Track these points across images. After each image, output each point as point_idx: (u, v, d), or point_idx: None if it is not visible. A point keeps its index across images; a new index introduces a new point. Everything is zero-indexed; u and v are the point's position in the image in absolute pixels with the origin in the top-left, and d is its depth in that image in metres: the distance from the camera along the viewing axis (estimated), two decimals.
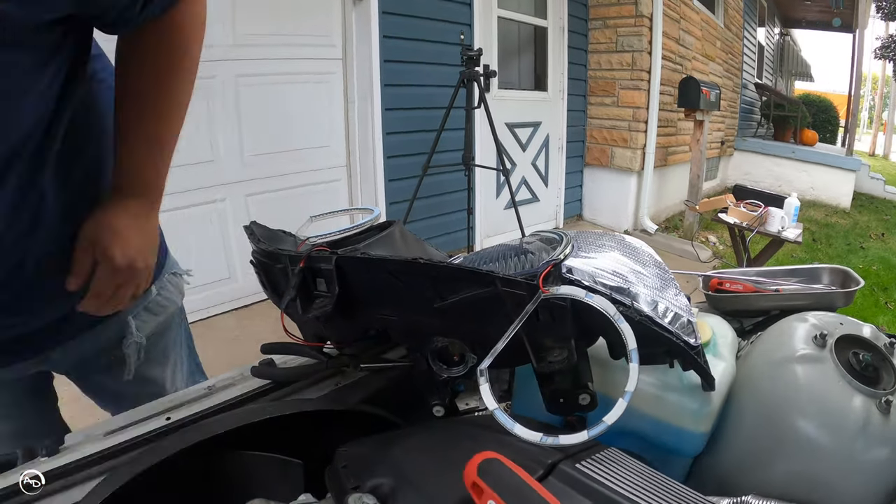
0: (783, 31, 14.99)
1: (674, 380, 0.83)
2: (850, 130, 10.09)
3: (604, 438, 0.65)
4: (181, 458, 0.66)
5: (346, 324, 0.77)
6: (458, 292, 0.72)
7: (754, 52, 11.64)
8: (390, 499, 0.54)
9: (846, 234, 7.91)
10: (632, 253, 0.85)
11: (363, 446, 0.66)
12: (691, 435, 0.82)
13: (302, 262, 0.74)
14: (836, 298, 1.17)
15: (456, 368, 0.78)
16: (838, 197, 9.37)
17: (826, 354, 0.83)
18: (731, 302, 1.27)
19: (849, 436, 0.76)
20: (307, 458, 0.68)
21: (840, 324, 0.90)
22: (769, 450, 0.81)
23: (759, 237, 4.61)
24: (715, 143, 8.94)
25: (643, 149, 6.43)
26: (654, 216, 7.00)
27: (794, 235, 4.44)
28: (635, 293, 0.72)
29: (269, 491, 0.66)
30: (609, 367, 0.86)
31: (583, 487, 0.55)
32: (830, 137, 13.99)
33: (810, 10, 12.44)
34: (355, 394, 0.93)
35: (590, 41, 6.48)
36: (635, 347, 0.65)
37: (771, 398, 0.83)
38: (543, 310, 0.68)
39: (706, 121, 6.59)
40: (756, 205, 4.61)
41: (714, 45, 8.47)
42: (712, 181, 9.38)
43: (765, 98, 11.97)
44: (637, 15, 6.06)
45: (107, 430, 0.84)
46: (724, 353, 0.92)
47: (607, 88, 6.53)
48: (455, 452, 0.62)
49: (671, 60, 6.81)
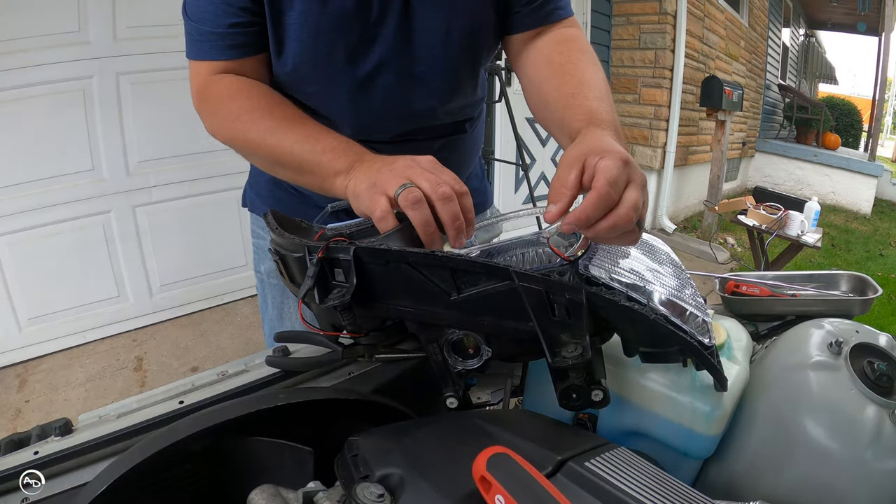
0: (808, 32, 14.82)
1: (686, 381, 0.83)
2: (873, 135, 10.01)
3: (614, 438, 0.65)
4: (192, 441, 0.66)
5: (362, 314, 0.78)
6: (474, 285, 0.72)
7: (778, 53, 11.53)
8: (399, 489, 0.54)
9: (866, 241, 7.84)
10: (649, 251, 0.85)
11: (374, 436, 0.66)
12: (702, 437, 0.82)
13: (320, 252, 0.74)
14: (853, 306, 1.16)
15: (471, 361, 0.78)
16: (859, 202, 9.28)
17: (841, 362, 0.83)
18: (747, 305, 1.26)
19: (860, 445, 0.75)
20: (318, 446, 0.68)
21: (856, 332, 0.89)
22: (780, 456, 0.80)
23: (777, 241, 4.58)
24: (736, 143, 8.88)
25: (664, 147, 6.40)
26: (673, 216, 6.97)
27: (814, 240, 4.42)
28: (651, 291, 0.72)
29: (278, 477, 0.66)
30: (622, 365, 0.85)
31: (591, 486, 0.55)
32: (853, 142, 13.84)
33: (836, 11, 12.29)
34: (368, 384, 0.94)
35: (612, 37, 6.44)
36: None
37: (783, 404, 0.83)
38: (559, 305, 0.68)
39: (728, 121, 6.55)
40: (776, 208, 4.58)
41: (738, 45, 8.39)
42: (732, 182, 9.32)
43: (788, 100, 11.86)
44: (661, 12, 6.01)
45: (119, 411, 0.85)
46: (738, 356, 0.92)
47: (629, 85, 6.50)
48: (465, 446, 0.62)
49: (694, 59, 6.76)
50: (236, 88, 1.09)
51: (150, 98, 3.39)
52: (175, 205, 3.64)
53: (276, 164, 1.04)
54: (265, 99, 1.08)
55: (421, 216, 0.79)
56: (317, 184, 0.99)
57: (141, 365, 3.38)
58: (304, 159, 0.98)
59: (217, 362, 3.35)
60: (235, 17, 1.05)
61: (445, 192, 0.80)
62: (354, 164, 0.93)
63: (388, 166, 0.86)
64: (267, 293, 1.53)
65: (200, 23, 1.06)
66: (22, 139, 3.09)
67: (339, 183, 0.93)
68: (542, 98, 1.14)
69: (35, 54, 3.00)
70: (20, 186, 3.14)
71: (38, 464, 0.72)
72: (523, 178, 5.09)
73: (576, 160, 0.78)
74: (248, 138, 1.05)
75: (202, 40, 1.08)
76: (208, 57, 1.09)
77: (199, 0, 1.05)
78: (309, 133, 0.99)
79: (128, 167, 3.46)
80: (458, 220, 0.80)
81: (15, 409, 2.94)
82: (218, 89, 1.09)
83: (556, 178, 0.79)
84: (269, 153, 1.03)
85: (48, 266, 3.33)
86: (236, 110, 1.06)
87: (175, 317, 3.87)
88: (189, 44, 1.11)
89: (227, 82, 1.09)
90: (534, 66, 1.20)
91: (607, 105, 1.01)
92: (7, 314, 3.25)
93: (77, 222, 3.36)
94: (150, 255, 3.69)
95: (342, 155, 0.95)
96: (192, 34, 1.09)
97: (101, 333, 3.58)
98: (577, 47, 1.17)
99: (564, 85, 1.09)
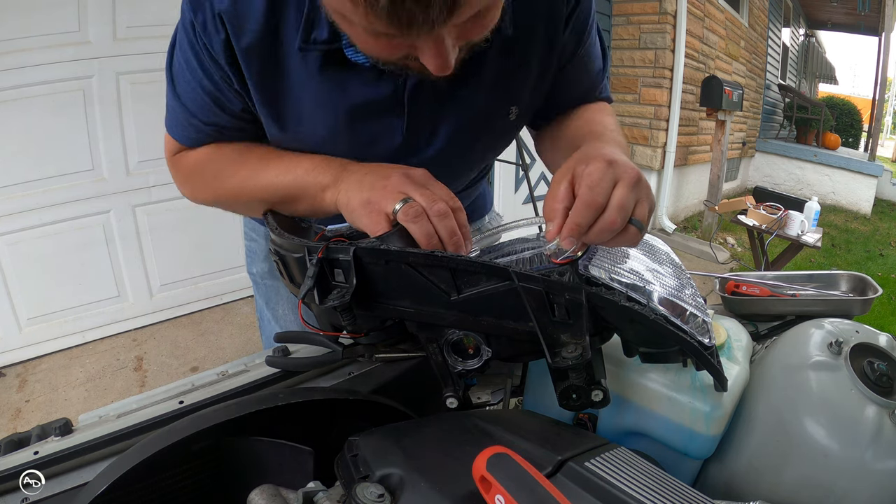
0: (808, 32, 14.81)
1: (686, 381, 0.83)
2: (873, 135, 10.01)
3: (614, 438, 0.65)
4: (192, 441, 0.66)
5: (362, 314, 0.78)
6: (474, 286, 0.72)
7: (778, 53, 11.52)
8: (399, 489, 0.54)
9: (866, 241, 7.84)
10: (649, 251, 0.85)
11: (374, 436, 0.66)
12: (702, 437, 0.82)
13: (320, 252, 0.74)
14: (853, 306, 1.16)
15: (471, 361, 0.78)
16: (859, 202, 9.28)
17: (841, 362, 0.83)
18: (748, 305, 1.26)
19: (860, 445, 0.75)
20: (318, 446, 0.68)
21: (856, 332, 0.89)
22: (779, 456, 0.80)
23: (777, 241, 4.58)
24: (736, 143, 8.88)
25: (664, 147, 6.40)
26: (673, 216, 6.97)
27: (814, 240, 4.42)
28: (651, 291, 0.72)
29: (278, 477, 0.66)
30: (622, 365, 0.86)
31: (591, 486, 0.55)
32: (853, 142, 13.84)
33: (836, 11, 12.28)
34: (368, 384, 0.94)
35: (612, 37, 6.43)
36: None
37: (783, 404, 0.83)
38: (559, 305, 0.68)
39: (728, 121, 6.55)
40: (776, 208, 4.59)
41: (738, 45, 8.39)
42: (732, 182, 9.32)
43: (788, 100, 11.85)
44: (661, 12, 6.01)
45: (119, 411, 0.85)
46: (739, 356, 0.92)
47: (629, 85, 6.50)
48: (465, 446, 0.62)
49: (694, 59, 6.76)
50: (208, 152, 1.06)
51: (150, 98, 3.36)
52: (175, 205, 3.63)
53: (264, 203, 1.00)
54: (236, 152, 1.05)
55: (423, 230, 0.78)
56: (308, 207, 0.97)
57: (141, 365, 3.38)
58: (290, 187, 0.96)
59: (217, 362, 3.35)
60: (222, 120, 1.02)
61: (441, 209, 0.79)
62: (340, 175, 0.91)
63: (381, 181, 0.84)
64: (262, 295, 1.54)
65: (183, 101, 1.02)
66: (22, 139, 3.09)
67: (329, 197, 0.91)
68: (555, 144, 1.16)
69: (35, 54, 3.00)
70: (20, 186, 3.14)
71: (38, 464, 0.72)
72: (523, 178, 5.09)
73: (565, 173, 0.78)
74: (230, 191, 1.02)
75: (180, 123, 1.06)
76: (183, 143, 1.07)
77: (187, 77, 0.99)
78: (287, 164, 0.97)
79: (128, 167, 3.46)
80: (456, 235, 0.80)
81: (15, 409, 2.94)
82: (191, 161, 1.08)
83: (549, 194, 0.79)
84: (254, 196, 1.00)
85: (48, 266, 3.33)
86: (212, 171, 1.05)
87: (175, 317, 3.87)
88: (168, 113, 1.07)
89: (199, 152, 1.07)
90: (550, 124, 1.21)
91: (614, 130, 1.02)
92: (7, 314, 3.25)
93: (77, 222, 3.36)
94: (150, 255, 3.69)
95: (325, 170, 0.93)
96: (172, 107, 1.05)
97: (101, 333, 3.59)
98: (599, 108, 1.18)
99: (578, 126, 1.10)
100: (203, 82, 0.96)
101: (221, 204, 1.09)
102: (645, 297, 0.72)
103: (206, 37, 0.89)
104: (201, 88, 0.97)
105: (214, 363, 3.34)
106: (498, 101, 1.05)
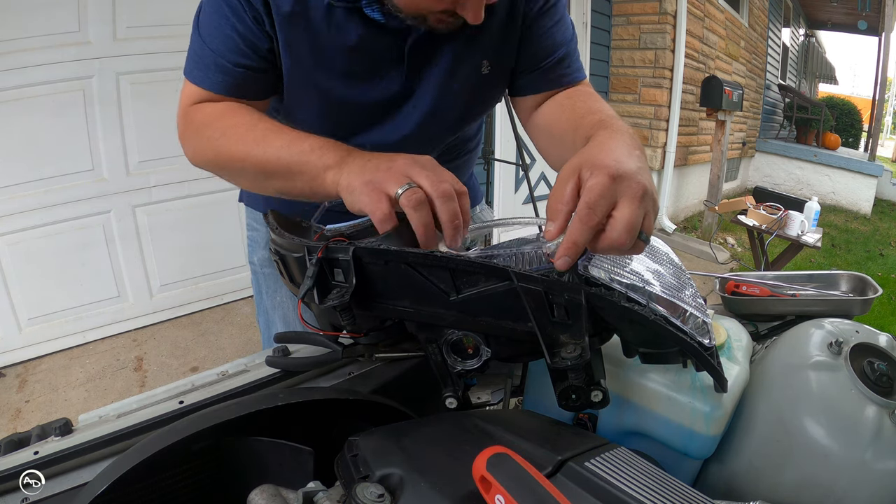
0: (808, 32, 14.83)
1: (686, 381, 0.83)
2: (873, 135, 10.01)
3: (614, 438, 0.65)
4: (192, 441, 0.66)
5: (362, 314, 0.78)
6: (473, 286, 0.72)
7: (778, 53, 11.53)
8: (399, 489, 0.54)
9: (866, 241, 7.84)
10: (649, 251, 0.85)
11: (374, 436, 0.66)
12: (702, 438, 0.82)
13: (320, 252, 0.74)
14: (853, 306, 1.16)
15: (470, 361, 0.78)
16: (859, 202, 9.29)
17: (841, 362, 0.83)
18: (748, 305, 1.26)
19: (860, 445, 0.75)
20: (318, 446, 0.68)
21: (856, 332, 0.89)
22: (779, 456, 0.80)
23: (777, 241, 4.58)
24: (736, 143, 8.88)
25: (664, 147, 6.40)
26: (673, 216, 6.97)
27: (814, 240, 4.42)
28: (651, 292, 0.72)
29: (278, 477, 0.66)
30: (622, 365, 0.86)
31: (591, 486, 0.55)
32: (853, 142, 13.85)
33: (836, 11, 12.29)
34: (368, 384, 0.94)
35: (612, 37, 6.44)
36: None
37: (783, 404, 0.83)
38: (558, 306, 0.68)
39: (728, 121, 6.55)
40: (776, 208, 4.58)
41: (738, 45, 8.40)
42: (732, 182, 9.32)
43: (788, 100, 11.86)
44: (661, 12, 6.02)
45: (119, 411, 0.85)
46: (739, 356, 0.92)
47: (629, 86, 6.50)
48: (465, 446, 0.62)
49: (694, 59, 6.76)
50: (224, 108, 1.07)
51: (150, 98, 3.38)
52: (175, 205, 3.64)
53: (263, 174, 1.01)
54: (249, 115, 1.06)
55: (422, 218, 0.78)
56: (306, 185, 0.96)
57: (141, 365, 3.37)
58: (292, 161, 0.96)
59: (217, 362, 3.35)
60: (248, 59, 1.04)
61: (446, 190, 0.80)
62: (345, 158, 0.91)
63: (385, 163, 0.85)
64: (261, 283, 1.54)
65: (210, 47, 1.05)
66: (22, 139, 3.09)
67: (331, 178, 0.91)
68: (553, 135, 1.17)
69: (35, 54, 3.00)
70: (20, 186, 3.14)
71: (38, 464, 0.72)
72: (523, 178, 5.09)
73: (571, 173, 0.76)
74: (233, 153, 1.02)
75: (206, 67, 1.06)
76: (207, 87, 1.07)
77: (217, 21, 1.03)
78: (294, 137, 0.98)
79: (128, 167, 3.46)
80: (457, 218, 0.80)
81: (15, 409, 2.94)
82: (204, 114, 1.08)
83: (553, 192, 0.77)
84: (255, 164, 1.00)
85: (48, 266, 3.32)
86: (221, 128, 1.05)
87: (175, 317, 3.87)
88: (191, 61, 1.09)
89: (216, 106, 1.08)
90: (543, 116, 1.22)
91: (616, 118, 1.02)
92: (7, 314, 3.25)
93: (77, 222, 3.36)
94: (150, 255, 3.68)
95: (331, 150, 0.93)
96: (198, 53, 1.07)
97: (101, 333, 3.58)
98: (587, 95, 1.19)
99: (574, 115, 1.10)
100: (235, 24, 1.03)
101: (221, 166, 1.08)
102: (645, 298, 0.71)
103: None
104: (232, 30, 1.03)
105: (214, 363, 3.34)
106: (469, 52, 1.14)
